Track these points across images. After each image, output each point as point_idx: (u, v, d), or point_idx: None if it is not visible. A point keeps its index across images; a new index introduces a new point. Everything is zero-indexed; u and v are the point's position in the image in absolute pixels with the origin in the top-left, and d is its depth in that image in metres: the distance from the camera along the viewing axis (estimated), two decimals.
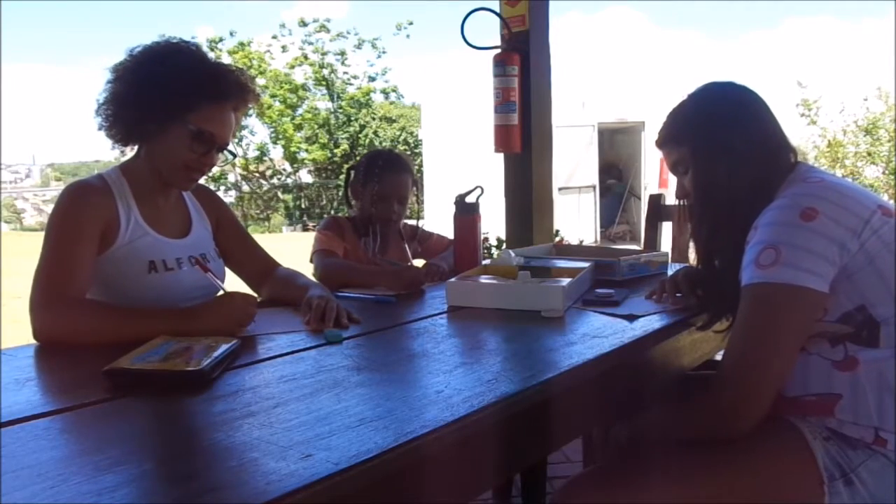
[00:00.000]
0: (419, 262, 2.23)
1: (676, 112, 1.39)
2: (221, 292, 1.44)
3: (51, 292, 1.36)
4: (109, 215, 1.49)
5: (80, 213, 1.45)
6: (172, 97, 1.47)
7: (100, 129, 1.53)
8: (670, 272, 1.98)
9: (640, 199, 11.65)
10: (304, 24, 20.82)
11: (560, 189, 10.25)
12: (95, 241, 1.46)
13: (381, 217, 2.11)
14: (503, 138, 2.59)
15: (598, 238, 11.63)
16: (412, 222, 2.30)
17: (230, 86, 1.54)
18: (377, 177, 2.09)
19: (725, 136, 1.31)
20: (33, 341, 1.34)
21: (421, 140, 14.12)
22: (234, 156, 1.74)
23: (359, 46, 21.24)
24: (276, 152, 21.60)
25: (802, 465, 1.16)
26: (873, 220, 1.16)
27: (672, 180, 1.48)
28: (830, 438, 1.17)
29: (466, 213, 2.02)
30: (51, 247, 1.41)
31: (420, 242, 2.29)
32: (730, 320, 1.41)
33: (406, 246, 2.24)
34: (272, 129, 20.89)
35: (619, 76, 10.95)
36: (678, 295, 1.58)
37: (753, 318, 1.16)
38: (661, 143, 1.42)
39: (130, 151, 1.61)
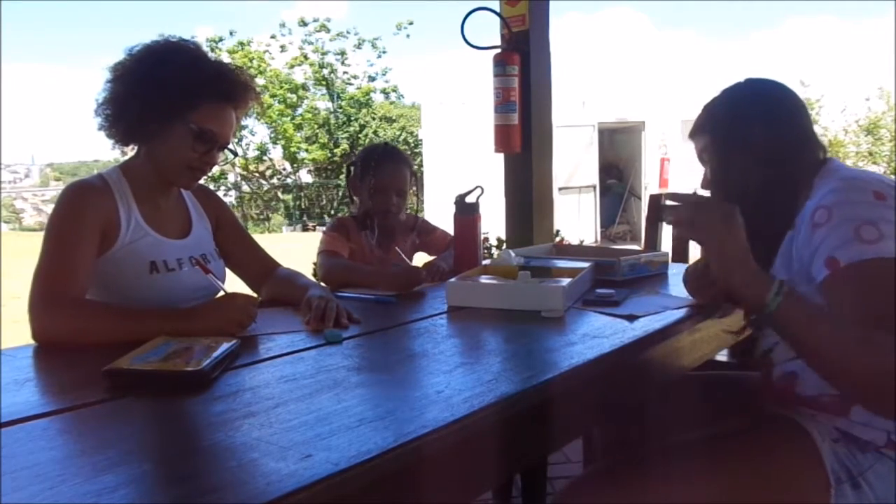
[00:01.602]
0: (420, 256, 2.23)
1: (708, 104, 1.41)
2: (222, 293, 1.44)
3: (50, 293, 1.35)
4: (109, 215, 1.49)
5: (79, 213, 1.45)
6: (174, 96, 1.47)
7: (100, 129, 1.53)
8: (670, 272, 1.98)
9: (640, 199, 11.66)
10: (304, 23, 20.83)
11: (560, 189, 10.26)
12: (95, 242, 1.45)
13: (379, 209, 2.11)
14: (503, 138, 2.59)
15: (599, 238, 11.63)
16: (412, 214, 2.29)
17: (232, 85, 1.54)
18: (374, 170, 2.09)
19: (745, 130, 1.31)
20: (33, 341, 1.33)
21: (421, 140, 14.14)
22: (235, 154, 1.75)
23: (359, 46, 21.26)
24: (276, 152, 21.63)
25: (809, 467, 1.16)
26: None
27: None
28: (839, 440, 1.17)
29: (466, 213, 2.02)
30: (50, 247, 1.41)
31: (420, 235, 2.28)
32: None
33: (409, 241, 2.24)
34: (272, 129, 20.89)
35: (619, 76, 10.96)
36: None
37: (889, 289, 1.05)
38: (691, 135, 1.43)
39: (131, 151, 1.61)
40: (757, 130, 1.30)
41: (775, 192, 1.28)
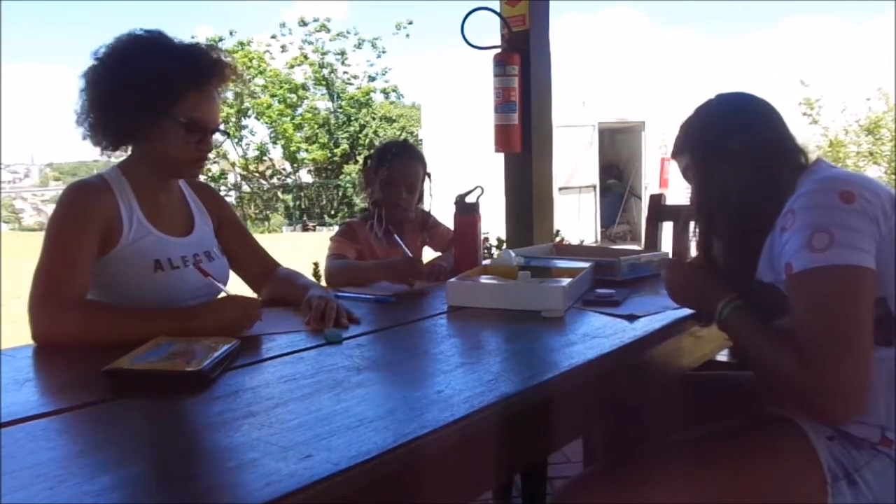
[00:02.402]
0: (428, 252, 2.24)
1: (683, 124, 1.45)
2: (223, 294, 1.44)
3: (50, 293, 1.35)
4: (110, 215, 1.49)
5: (80, 213, 1.44)
6: (154, 93, 1.46)
7: (84, 138, 1.51)
8: None
9: (640, 198, 11.66)
10: (304, 23, 20.84)
11: (560, 189, 10.25)
12: (96, 242, 1.45)
13: (387, 201, 2.12)
14: (503, 138, 2.59)
15: (599, 238, 11.63)
16: (425, 208, 2.30)
17: (206, 66, 1.52)
18: (388, 162, 2.12)
19: (722, 143, 1.34)
20: (33, 342, 1.33)
21: (421, 140, 14.13)
22: (227, 135, 1.73)
23: (359, 46, 21.27)
24: (276, 152, 21.64)
25: (805, 466, 1.16)
26: None
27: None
28: (834, 438, 1.17)
29: (466, 213, 2.02)
30: (50, 247, 1.41)
31: (428, 230, 2.30)
32: None
33: (417, 238, 2.25)
34: (272, 129, 20.89)
35: (619, 76, 10.95)
36: None
37: (827, 301, 1.11)
38: (672, 155, 1.47)
39: (118, 155, 1.61)
40: (733, 142, 1.33)
41: (756, 200, 1.30)
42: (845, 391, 1.08)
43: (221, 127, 1.60)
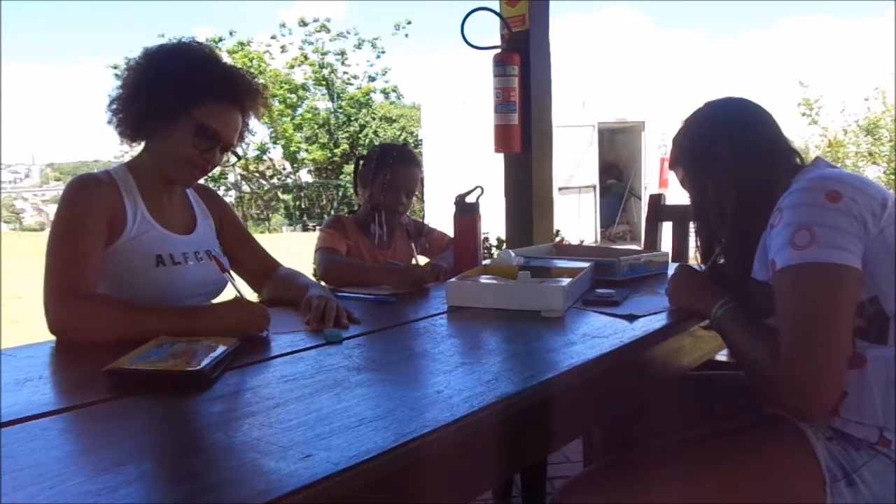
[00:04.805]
0: (425, 259, 2.24)
1: (675, 137, 1.46)
2: (233, 294, 1.43)
3: (65, 288, 1.35)
4: (115, 208, 1.50)
5: (85, 206, 1.45)
6: (179, 91, 1.49)
7: (109, 122, 1.55)
8: (670, 272, 1.98)
9: (640, 198, 11.66)
10: (303, 23, 20.86)
11: (560, 189, 10.26)
12: (103, 234, 1.46)
13: (388, 207, 2.12)
14: (503, 138, 2.59)
15: (599, 238, 11.63)
16: (417, 219, 2.31)
17: (239, 87, 1.55)
18: (390, 167, 2.11)
19: (712, 153, 1.35)
20: (33, 341, 1.33)
21: (421, 140, 14.13)
22: (239, 158, 1.74)
23: (358, 46, 21.30)
24: (276, 152, 21.67)
25: (804, 466, 1.16)
26: (889, 206, 1.16)
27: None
28: (833, 439, 1.17)
29: (466, 213, 2.02)
30: (59, 242, 1.41)
31: (426, 236, 2.30)
32: None
33: (412, 244, 2.25)
34: (272, 129, 20.90)
35: (619, 76, 10.96)
36: None
37: (803, 298, 1.12)
38: (670, 167, 1.49)
39: (134, 148, 1.62)
40: (722, 151, 1.34)
41: (752, 204, 1.31)
42: (815, 387, 1.08)
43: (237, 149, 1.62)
